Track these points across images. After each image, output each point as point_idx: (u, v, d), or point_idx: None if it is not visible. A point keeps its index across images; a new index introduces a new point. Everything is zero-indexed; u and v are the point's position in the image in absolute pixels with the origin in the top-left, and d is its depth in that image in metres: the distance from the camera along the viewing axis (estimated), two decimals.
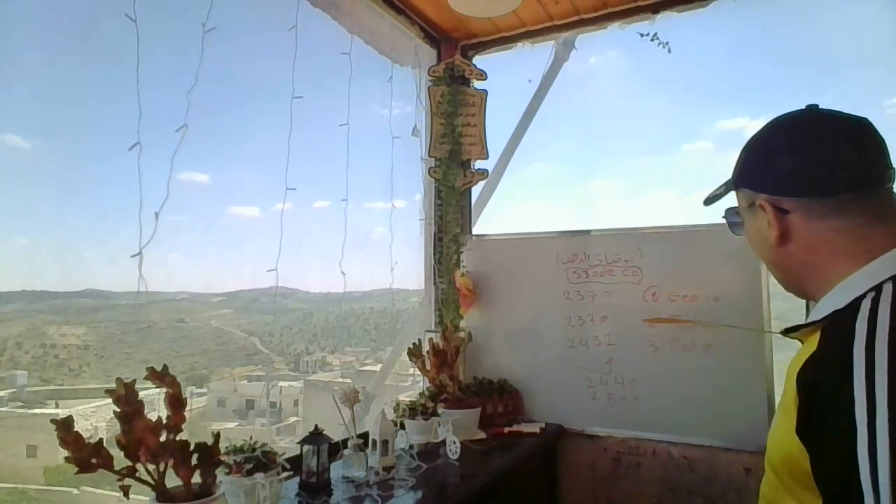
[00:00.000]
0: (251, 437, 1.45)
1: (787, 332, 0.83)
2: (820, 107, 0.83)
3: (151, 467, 1.14)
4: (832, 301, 0.75)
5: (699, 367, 2.04)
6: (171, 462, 1.14)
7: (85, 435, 1.08)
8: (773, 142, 0.85)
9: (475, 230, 2.63)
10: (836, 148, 0.78)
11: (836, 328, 0.71)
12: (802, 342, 0.82)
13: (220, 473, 1.26)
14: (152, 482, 1.14)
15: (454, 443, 1.84)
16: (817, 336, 0.74)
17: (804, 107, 0.84)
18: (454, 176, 2.48)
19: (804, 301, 0.98)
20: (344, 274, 2.12)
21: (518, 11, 2.35)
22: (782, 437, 0.73)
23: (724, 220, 0.98)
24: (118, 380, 1.11)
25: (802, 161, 0.79)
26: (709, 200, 0.98)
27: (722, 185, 0.94)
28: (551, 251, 2.34)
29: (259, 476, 1.35)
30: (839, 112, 0.81)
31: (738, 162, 0.90)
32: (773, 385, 1.95)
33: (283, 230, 1.89)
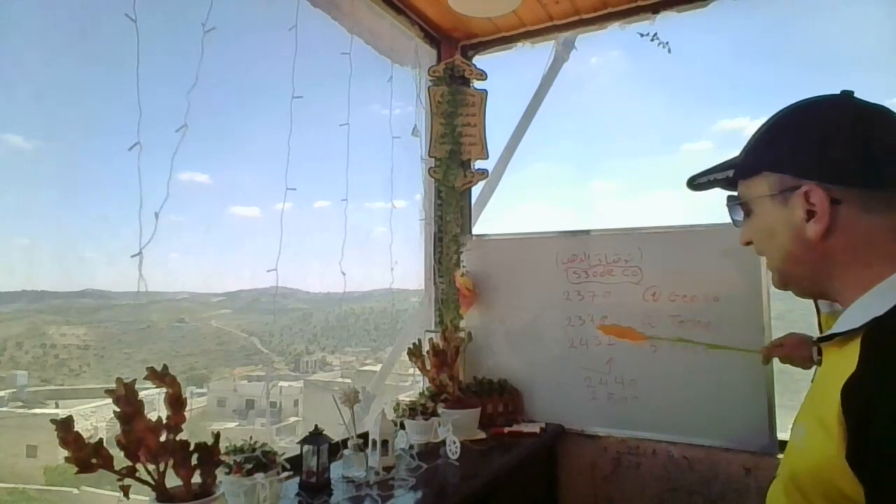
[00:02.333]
0: (251, 437, 1.45)
1: (820, 340, 0.76)
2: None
3: (151, 467, 1.14)
4: (869, 307, 0.68)
5: (699, 367, 2.04)
6: (171, 462, 1.14)
7: (85, 435, 1.08)
8: (821, 122, 0.73)
9: (475, 230, 2.63)
10: (891, 137, 0.71)
11: (884, 339, 0.64)
12: (822, 352, 0.77)
13: (220, 473, 1.26)
14: (152, 482, 1.14)
15: (454, 443, 1.84)
16: (855, 346, 0.66)
17: (839, 92, 0.75)
18: (454, 176, 2.49)
19: (803, 300, 0.95)
20: (344, 274, 2.12)
21: (518, 11, 2.35)
22: (819, 459, 0.66)
23: (725, 220, 0.89)
24: (118, 380, 1.11)
25: (859, 147, 0.70)
26: (700, 186, 0.87)
27: (724, 168, 0.83)
28: (551, 251, 2.34)
29: (259, 476, 1.35)
30: (873, 102, 0.73)
31: (761, 143, 0.79)
32: (773, 385, 1.95)
33: (283, 230, 1.89)
